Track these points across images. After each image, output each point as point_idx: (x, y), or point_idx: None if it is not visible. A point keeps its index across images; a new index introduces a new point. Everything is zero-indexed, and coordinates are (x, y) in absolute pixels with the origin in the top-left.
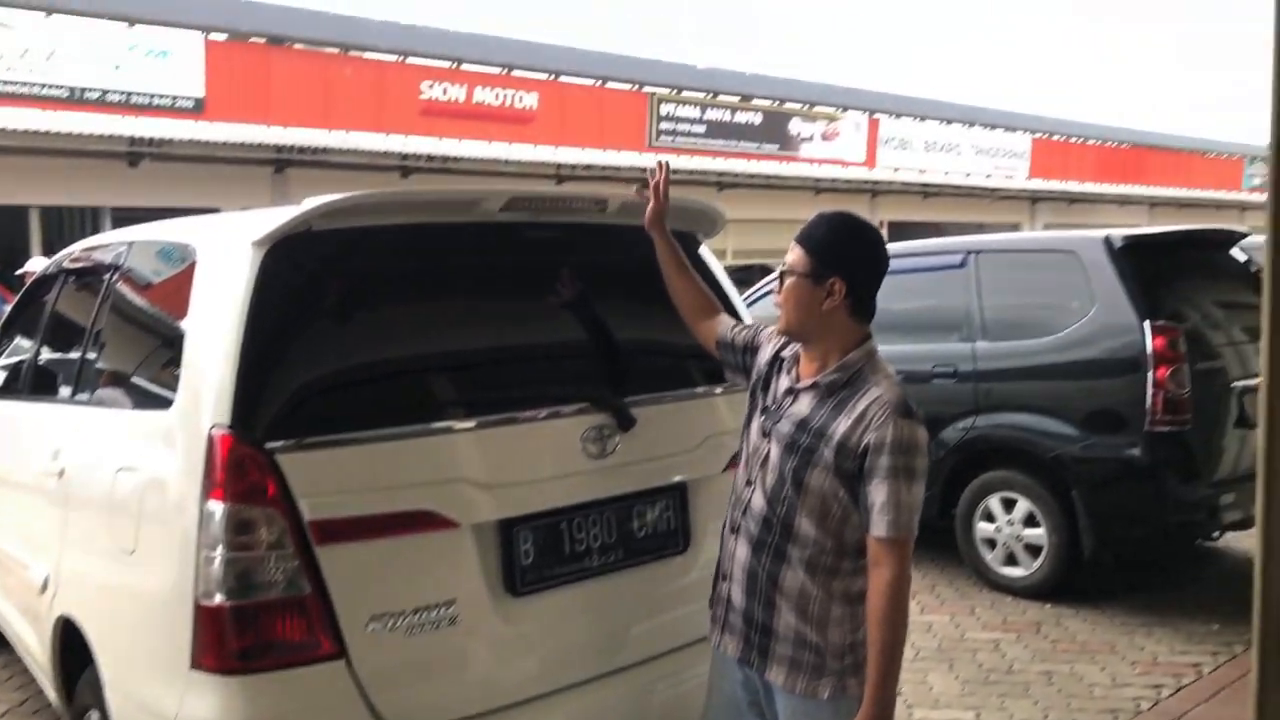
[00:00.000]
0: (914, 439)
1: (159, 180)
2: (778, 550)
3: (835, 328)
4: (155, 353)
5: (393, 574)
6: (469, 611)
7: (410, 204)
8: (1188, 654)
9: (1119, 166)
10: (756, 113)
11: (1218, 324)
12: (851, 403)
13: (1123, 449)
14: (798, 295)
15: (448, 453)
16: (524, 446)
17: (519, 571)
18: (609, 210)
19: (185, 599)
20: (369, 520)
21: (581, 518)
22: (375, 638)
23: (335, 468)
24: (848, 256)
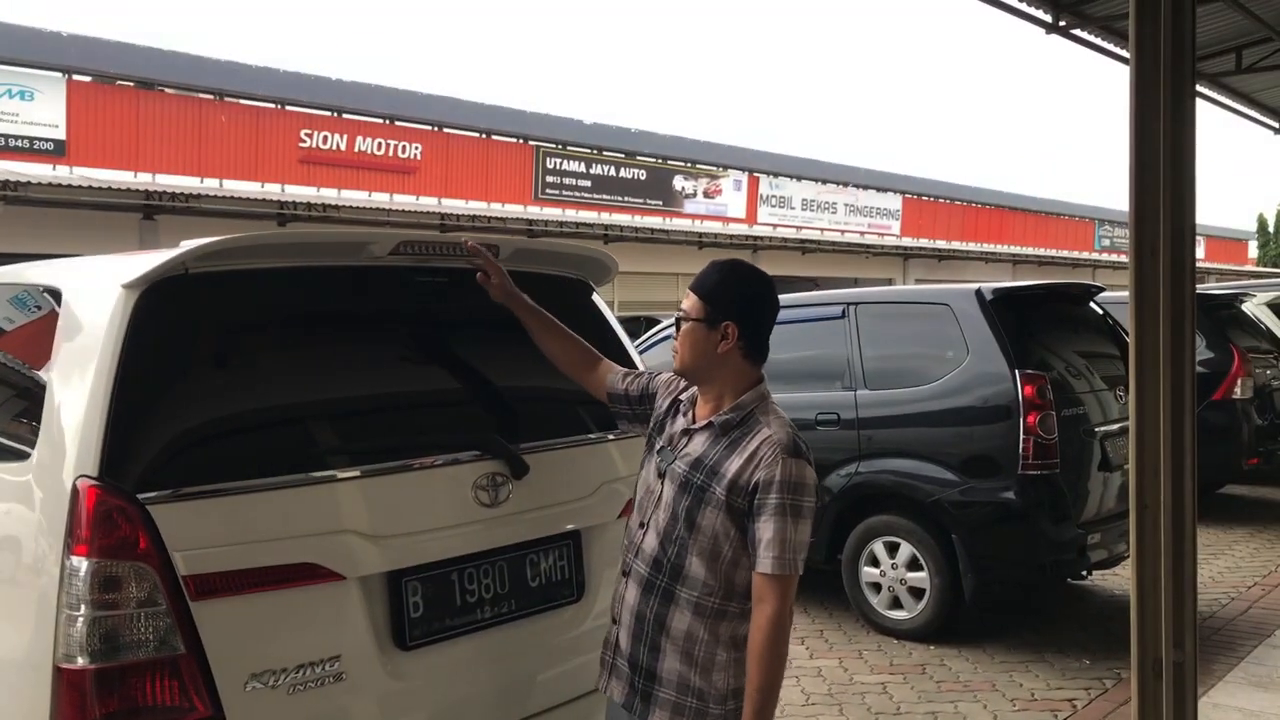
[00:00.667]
0: (802, 478)
1: (15, 224)
2: (666, 592)
3: (729, 370)
4: (10, 402)
5: (274, 630)
6: (355, 667)
7: (294, 246)
8: (1063, 689)
9: (984, 226)
10: (641, 169)
11: (1079, 373)
12: (744, 442)
13: (998, 492)
14: (693, 339)
15: (332, 503)
16: (413, 496)
17: (408, 624)
18: (501, 256)
19: (43, 663)
20: (248, 574)
21: (473, 568)
22: (256, 697)
23: (212, 519)
24: (739, 302)
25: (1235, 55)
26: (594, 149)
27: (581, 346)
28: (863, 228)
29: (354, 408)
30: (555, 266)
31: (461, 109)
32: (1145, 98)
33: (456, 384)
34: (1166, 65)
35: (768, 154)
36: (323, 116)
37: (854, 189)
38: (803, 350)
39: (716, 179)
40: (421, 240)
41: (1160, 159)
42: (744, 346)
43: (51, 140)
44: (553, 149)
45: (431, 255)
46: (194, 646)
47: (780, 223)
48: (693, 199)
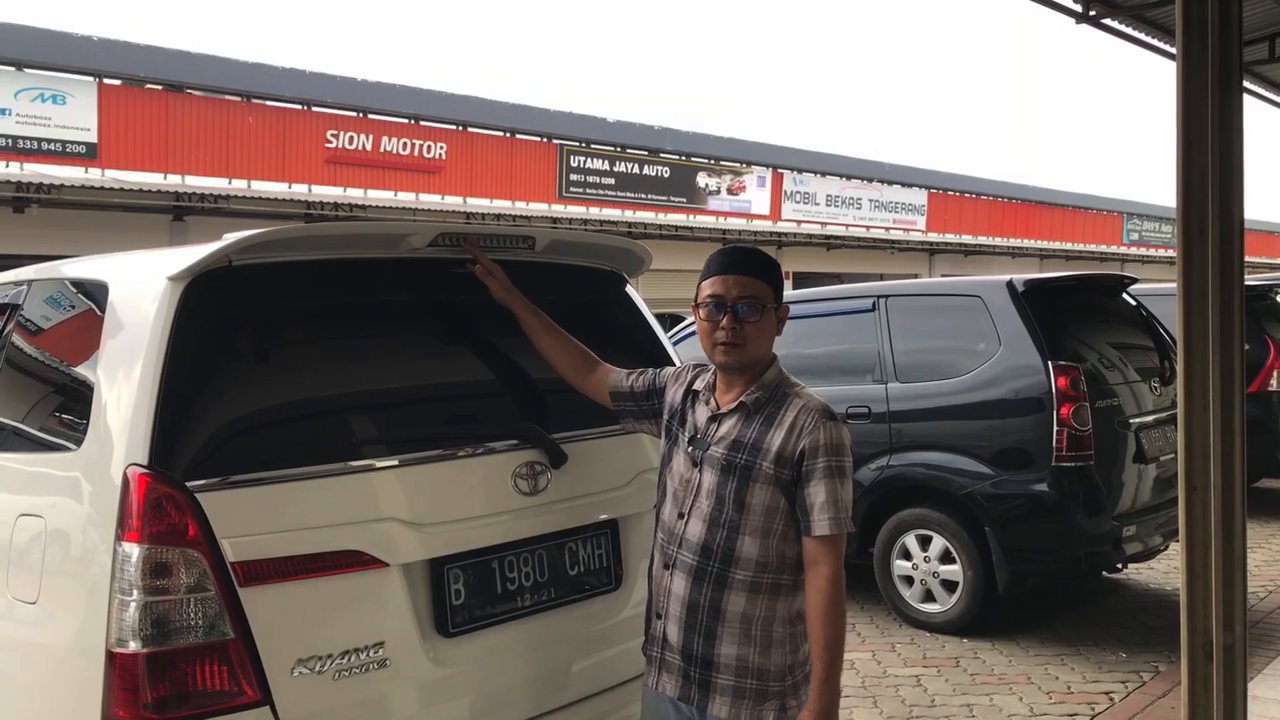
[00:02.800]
0: (842, 439)
1: (48, 226)
2: (719, 577)
3: (770, 350)
4: (61, 393)
5: (319, 617)
6: (399, 654)
7: (335, 239)
8: (1099, 683)
9: (1010, 220)
10: (665, 166)
11: (1113, 364)
12: (779, 415)
13: (1031, 485)
14: (767, 326)
15: (375, 491)
16: (454, 484)
17: (449, 612)
18: (537, 248)
19: (96, 648)
20: (294, 561)
21: (513, 556)
22: (302, 683)
23: (259, 507)
24: (779, 282)
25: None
26: (617, 147)
27: (579, 348)
28: (888, 223)
29: (394, 398)
30: (589, 258)
31: (485, 108)
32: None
33: (494, 375)
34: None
35: (792, 150)
36: (348, 117)
37: (879, 184)
38: (833, 344)
39: (740, 175)
40: (459, 232)
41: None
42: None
43: (83, 143)
44: (576, 147)
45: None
46: (243, 632)
47: (805, 219)
48: (716, 196)
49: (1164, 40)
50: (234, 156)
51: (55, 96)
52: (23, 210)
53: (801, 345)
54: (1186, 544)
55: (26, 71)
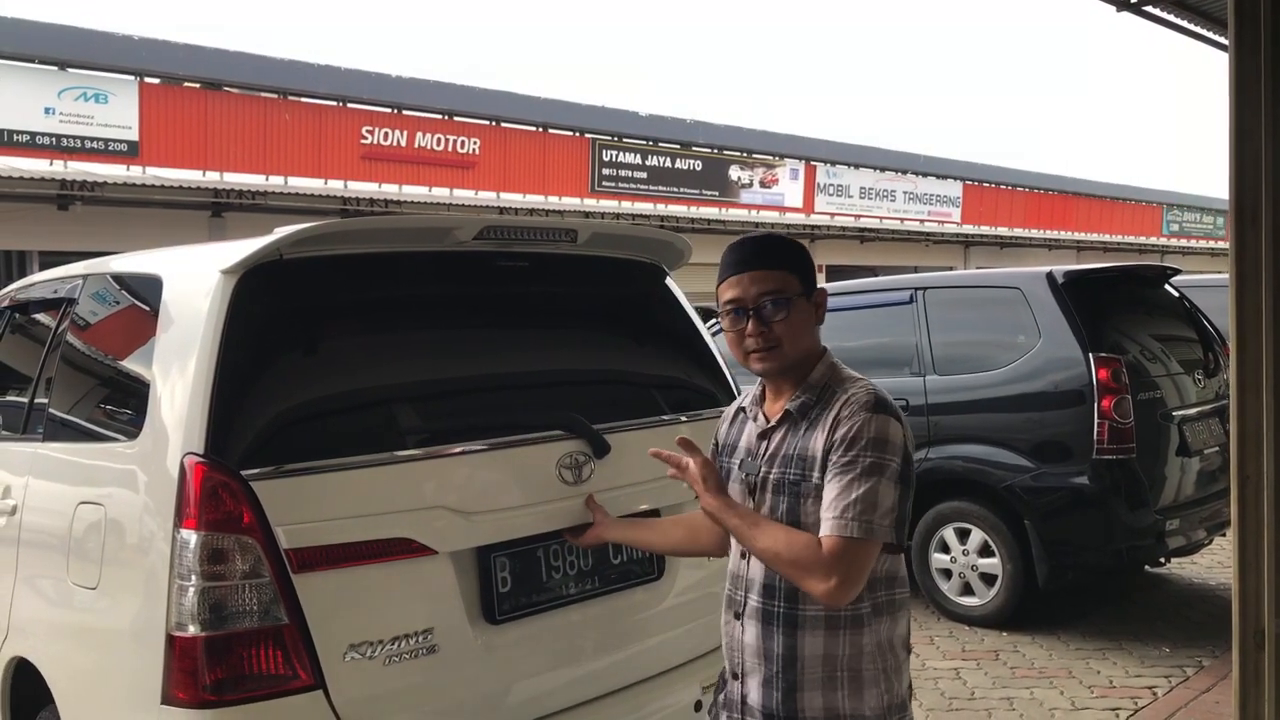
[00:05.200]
0: (884, 434)
1: (91, 223)
2: (787, 618)
3: (815, 344)
4: (119, 384)
5: (371, 603)
6: (448, 640)
7: (383, 231)
8: (1142, 677)
9: (1047, 212)
10: (697, 160)
11: (1155, 356)
12: (825, 415)
13: (1072, 478)
14: (805, 319)
15: (424, 480)
16: (500, 474)
17: (496, 599)
18: (579, 240)
19: (156, 632)
20: (346, 548)
21: (558, 545)
22: (354, 668)
23: (312, 495)
24: (807, 266)
25: None
26: (649, 141)
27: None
28: (922, 215)
29: (440, 389)
30: (629, 251)
31: (518, 103)
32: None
33: (538, 366)
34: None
35: (825, 142)
36: (383, 113)
37: (913, 176)
38: (870, 336)
39: (773, 168)
40: (504, 225)
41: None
42: (819, 314)
43: (125, 141)
44: (609, 141)
45: (513, 240)
46: (296, 617)
47: (838, 211)
48: (749, 189)
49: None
50: (271, 153)
51: (98, 95)
52: (67, 208)
53: (838, 338)
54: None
55: (69, 71)
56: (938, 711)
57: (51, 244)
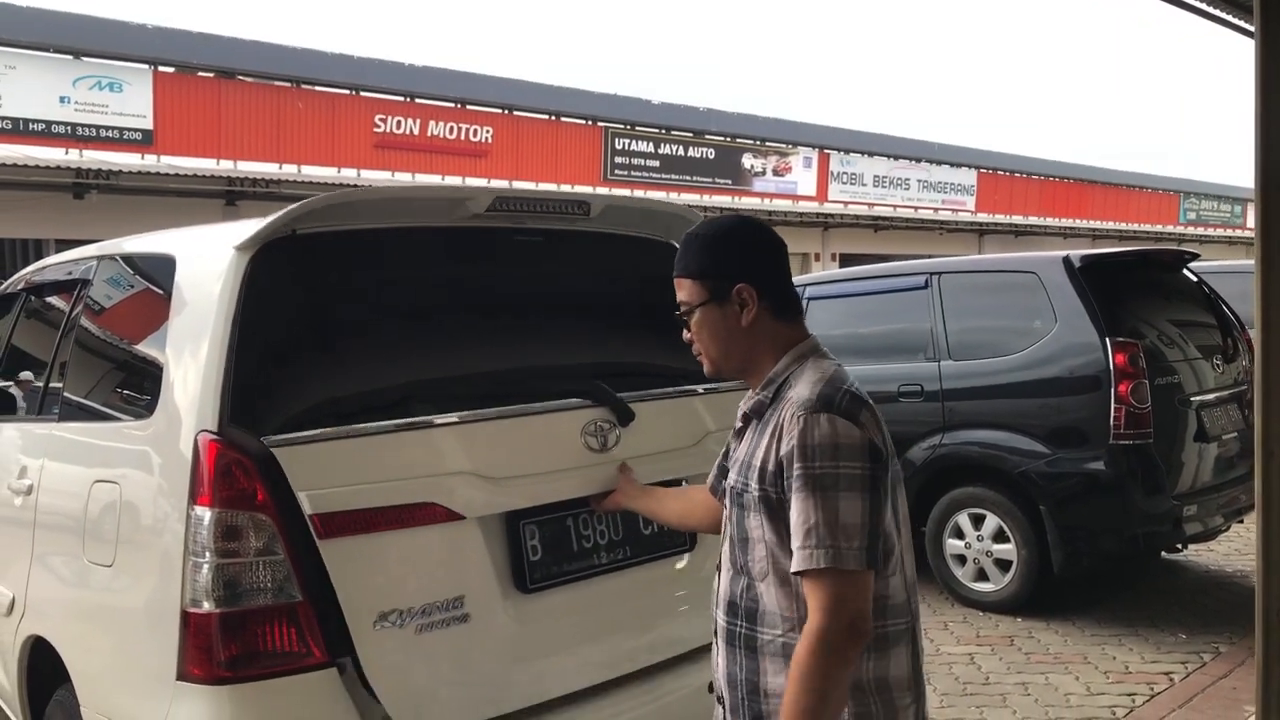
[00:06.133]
0: (831, 438)
1: (106, 212)
2: (748, 640)
3: (765, 341)
4: (133, 363)
5: (400, 570)
6: (480, 609)
7: (394, 202)
8: (1158, 663)
9: (1062, 200)
10: (710, 148)
11: (1173, 341)
12: (773, 416)
13: (1088, 463)
14: (711, 326)
15: (447, 446)
16: (525, 441)
17: (527, 568)
18: (592, 214)
19: (171, 609)
20: (372, 514)
21: (587, 514)
22: (385, 636)
23: (335, 461)
24: (739, 255)
25: None
26: (662, 129)
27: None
28: (936, 204)
29: (459, 362)
30: (643, 227)
31: (531, 91)
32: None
33: (557, 338)
34: None
35: (838, 130)
36: (395, 101)
37: (927, 164)
38: (885, 322)
39: (786, 156)
40: (516, 196)
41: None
42: (771, 305)
43: (140, 130)
44: (621, 129)
45: (526, 212)
46: (312, 594)
47: (852, 200)
48: (762, 177)
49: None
50: (284, 141)
51: (112, 84)
52: (82, 196)
53: (852, 324)
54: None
55: (84, 60)
56: (952, 696)
57: (67, 232)
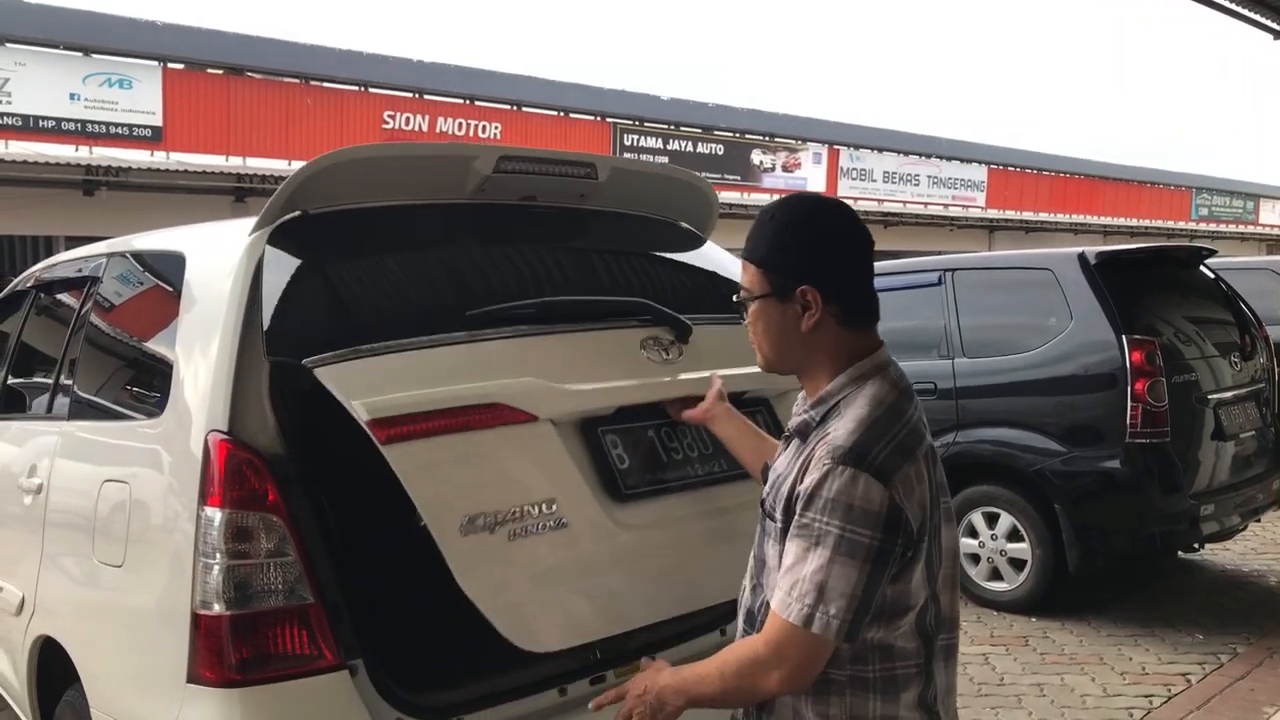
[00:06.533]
0: (847, 494)
1: (115, 209)
2: None
3: (827, 349)
4: (142, 362)
5: (478, 473)
6: (575, 514)
7: (397, 160)
8: (1175, 664)
9: (1073, 196)
10: (719, 144)
11: (1190, 339)
12: (811, 447)
13: (1103, 462)
14: (767, 322)
15: (506, 356)
16: (583, 353)
17: (618, 475)
18: (600, 177)
19: (181, 611)
20: (435, 416)
21: (669, 427)
22: (475, 543)
23: (386, 373)
24: (812, 251)
25: None
26: (671, 125)
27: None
28: (946, 200)
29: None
30: (653, 205)
31: (539, 87)
32: None
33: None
34: None
35: (848, 125)
36: (404, 98)
37: (937, 160)
38: (897, 319)
39: (795, 152)
40: (522, 155)
41: None
42: (837, 311)
43: (149, 127)
44: (630, 126)
45: (532, 172)
46: (322, 596)
47: (862, 196)
48: (771, 173)
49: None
50: (293, 138)
51: (121, 81)
52: (92, 193)
53: None
54: None
55: (94, 57)
56: (967, 697)
57: (77, 229)
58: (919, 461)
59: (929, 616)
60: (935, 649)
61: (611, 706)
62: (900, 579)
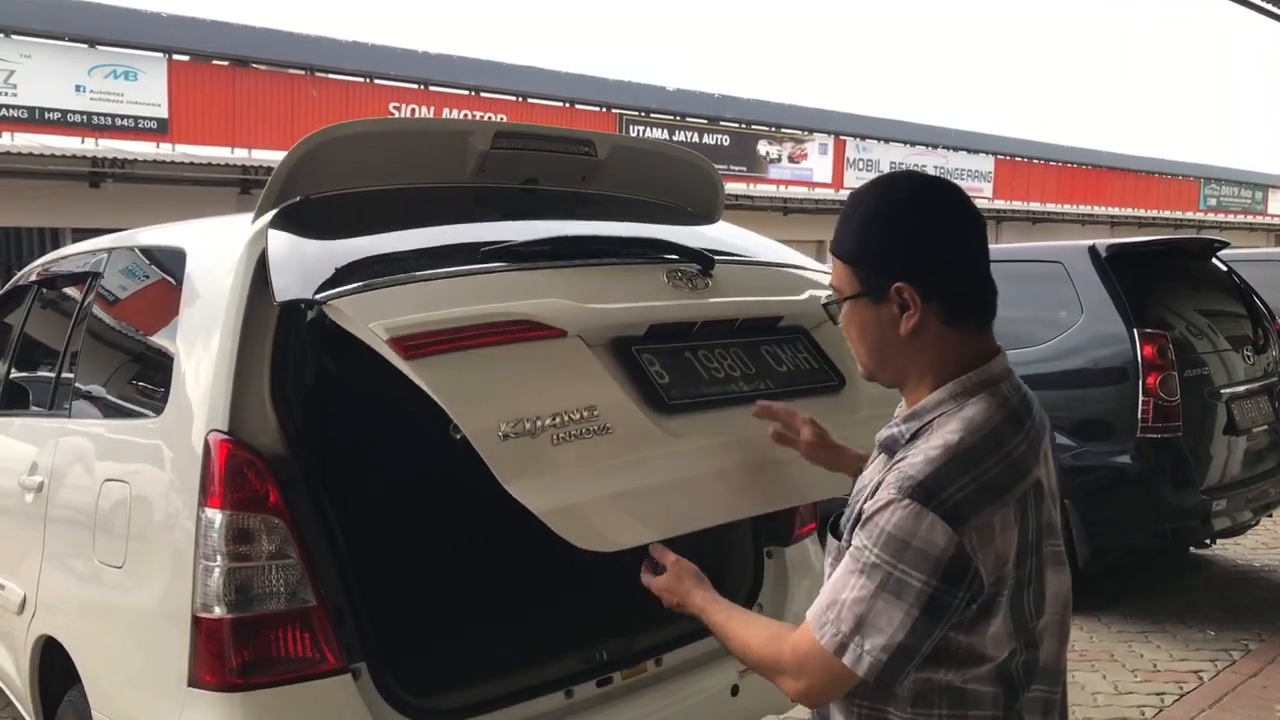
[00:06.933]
0: (906, 531)
1: (121, 201)
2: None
3: (930, 352)
4: (143, 359)
5: (511, 383)
6: (620, 421)
7: (394, 134)
8: (1187, 661)
9: (1080, 187)
10: (724, 134)
11: (1202, 332)
12: (891, 467)
13: (1114, 457)
14: (861, 325)
15: (529, 282)
16: (608, 282)
17: (660, 388)
18: (599, 155)
19: (182, 613)
20: (459, 330)
21: (706, 349)
22: (517, 448)
23: (403, 300)
24: (908, 244)
25: None
26: (677, 115)
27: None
28: None
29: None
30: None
31: (545, 78)
32: None
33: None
34: None
35: (854, 116)
36: (410, 89)
37: (944, 151)
38: None
39: (802, 143)
40: (519, 130)
41: None
42: (941, 309)
43: (155, 119)
44: (636, 116)
45: (529, 148)
46: (324, 598)
47: None
48: (777, 164)
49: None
50: (299, 129)
51: (127, 73)
52: (98, 185)
53: None
54: None
55: (99, 49)
56: None
57: (83, 221)
58: (1009, 506)
59: (1016, 663)
60: (1023, 701)
61: None
62: (973, 631)
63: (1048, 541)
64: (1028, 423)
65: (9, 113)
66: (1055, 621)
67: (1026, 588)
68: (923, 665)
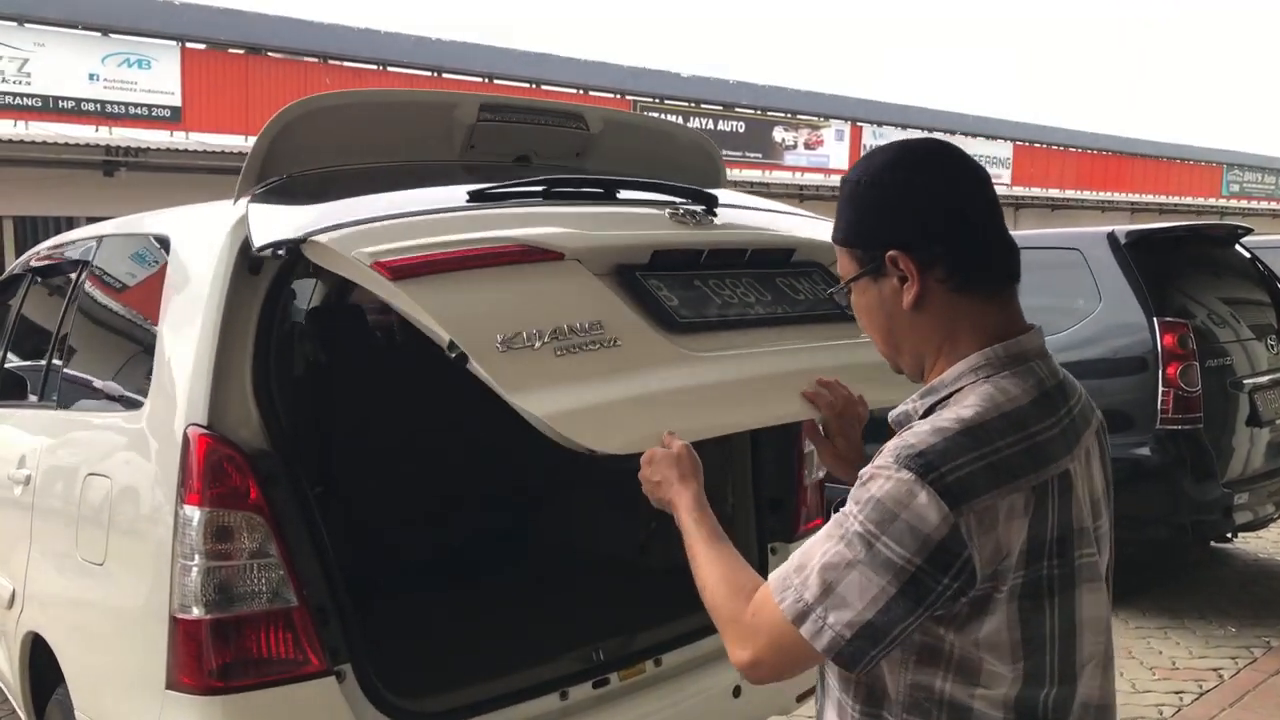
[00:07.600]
0: (892, 503)
1: (135, 190)
2: (823, 684)
3: (942, 324)
4: (127, 349)
5: (507, 300)
6: (628, 335)
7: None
8: (1207, 658)
9: (1099, 173)
10: (740, 121)
11: (1224, 321)
12: None
13: (1133, 449)
14: (868, 310)
15: (522, 217)
16: (607, 218)
17: (670, 309)
18: (591, 129)
19: (160, 613)
20: (451, 255)
21: (717, 279)
22: (518, 359)
23: (393, 232)
24: (900, 208)
25: None
26: (691, 102)
27: None
28: None
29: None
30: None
31: (558, 65)
32: None
33: None
34: None
35: (871, 102)
36: (423, 77)
37: (962, 137)
38: None
39: (818, 129)
40: (504, 104)
41: None
42: (945, 275)
43: (168, 107)
44: (650, 103)
45: (515, 120)
46: (306, 599)
47: None
48: (793, 150)
49: None
50: None
51: (140, 61)
52: (112, 174)
53: None
54: None
55: (112, 37)
56: None
57: (98, 210)
58: (1019, 492)
59: (1046, 696)
60: None
61: None
62: (965, 630)
63: (1080, 551)
64: (1062, 409)
65: (23, 101)
66: (1096, 652)
67: (1047, 598)
68: (917, 666)
